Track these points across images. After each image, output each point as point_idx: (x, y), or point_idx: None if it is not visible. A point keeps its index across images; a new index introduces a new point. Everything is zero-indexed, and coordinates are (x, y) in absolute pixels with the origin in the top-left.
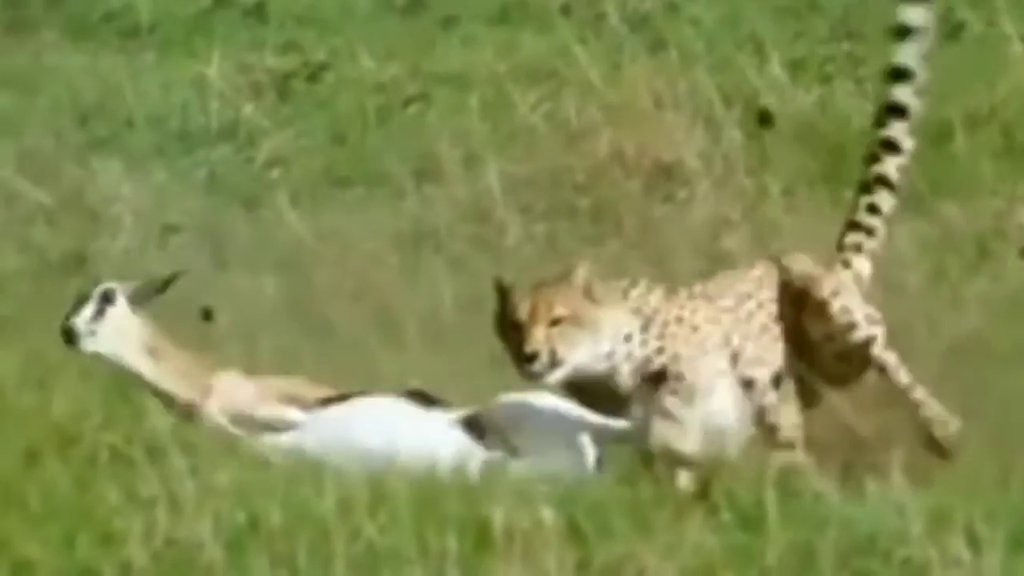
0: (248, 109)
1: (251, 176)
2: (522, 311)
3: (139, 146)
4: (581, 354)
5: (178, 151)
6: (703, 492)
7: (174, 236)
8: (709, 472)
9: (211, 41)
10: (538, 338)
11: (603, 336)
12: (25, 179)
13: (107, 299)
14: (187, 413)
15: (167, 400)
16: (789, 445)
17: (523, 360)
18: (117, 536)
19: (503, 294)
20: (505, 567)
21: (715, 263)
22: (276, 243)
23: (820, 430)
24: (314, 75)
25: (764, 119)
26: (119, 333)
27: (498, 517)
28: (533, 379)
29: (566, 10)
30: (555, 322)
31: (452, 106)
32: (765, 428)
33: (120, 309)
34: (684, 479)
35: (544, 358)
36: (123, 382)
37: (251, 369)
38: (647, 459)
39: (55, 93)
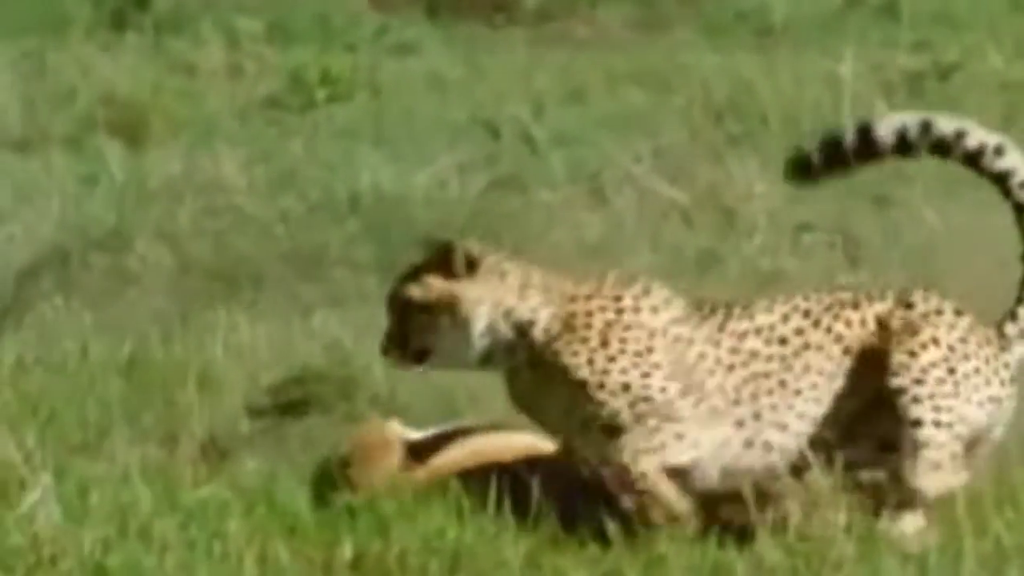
0: (880, 107)
1: (884, 173)
2: (389, 298)
3: (773, 144)
4: (445, 340)
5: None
6: None
7: (806, 235)
8: None
9: (844, 39)
10: (389, 332)
11: (472, 315)
12: (660, 177)
13: None
14: None
15: None
16: None
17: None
18: (748, 532)
19: None
20: None
21: None
22: (908, 242)
23: None
24: (944, 74)
25: None
26: None
27: None
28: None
29: None
30: (408, 310)
31: None
32: None
33: None
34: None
35: (394, 353)
36: None
37: None
38: None
39: (689, 91)
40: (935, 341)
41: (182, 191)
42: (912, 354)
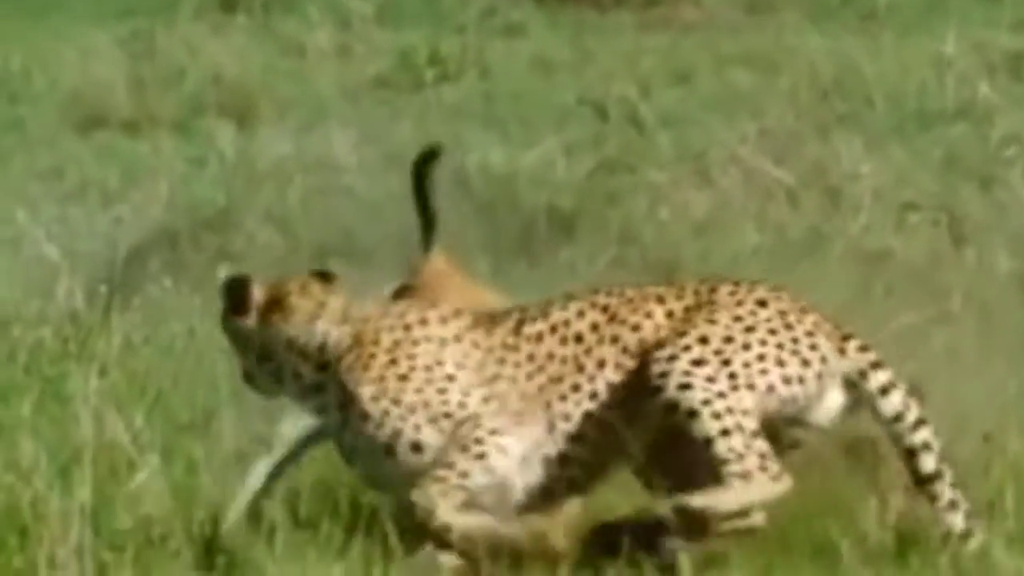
0: (983, 87)
1: (987, 154)
2: None
3: (878, 124)
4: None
5: (916, 129)
6: None
7: (912, 214)
8: None
9: (947, 20)
10: None
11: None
12: (766, 157)
13: None
14: None
15: None
16: None
17: None
18: (854, 512)
19: None
20: None
21: None
22: (1012, 221)
23: None
24: None
25: None
26: None
27: None
28: None
29: None
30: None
31: None
32: None
33: None
34: None
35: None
36: None
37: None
38: None
39: (795, 72)
40: (703, 339)
41: (291, 171)
42: (672, 357)
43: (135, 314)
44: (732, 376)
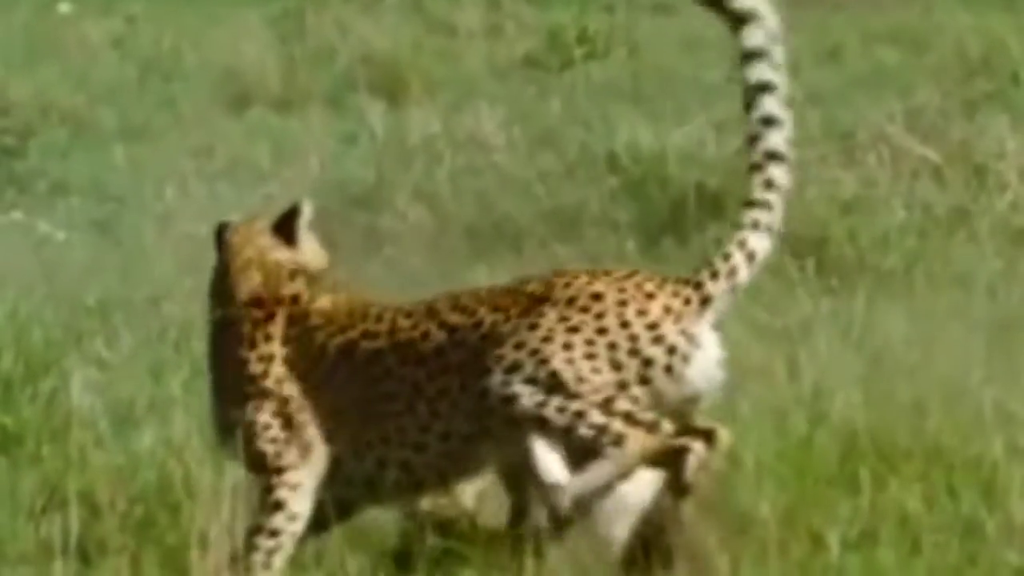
0: None
1: None
2: None
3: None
4: None
5: None
6: None
7: None
8: None
9: None
10: None
11: None
12: (913, 135)
13: None
14: None
15: None
16: None
17: None
18: (1000, 490)
19: None
20: None
21: None
22: None
23: None
24: None
25: None
26: None
27: None
28: None
29: None
30: None
31: None
32: None
33: None
34: None
35: None
36: None
37: None
38: None
39: (943, 50)
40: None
41: (441, 150)
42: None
43: None
44: (554, 375)
